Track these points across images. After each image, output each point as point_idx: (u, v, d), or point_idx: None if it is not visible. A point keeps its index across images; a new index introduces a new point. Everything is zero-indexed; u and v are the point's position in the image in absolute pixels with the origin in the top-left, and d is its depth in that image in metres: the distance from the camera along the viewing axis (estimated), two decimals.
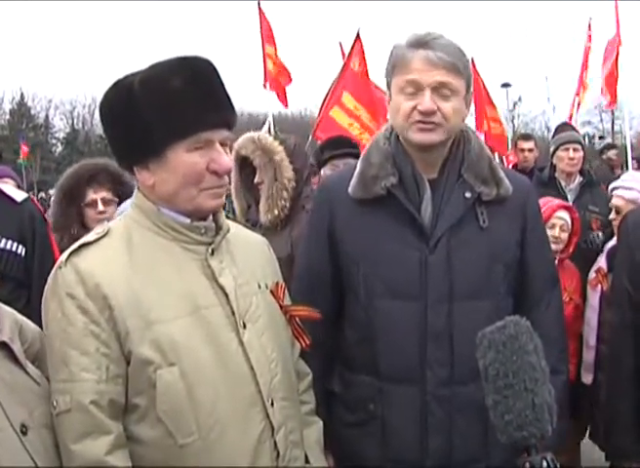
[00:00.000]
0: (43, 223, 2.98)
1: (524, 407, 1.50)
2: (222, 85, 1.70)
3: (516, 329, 1.54)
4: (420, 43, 1.96)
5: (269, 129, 7.20)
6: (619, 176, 4.52)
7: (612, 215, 3.71)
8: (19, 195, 2.94)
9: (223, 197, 1.74)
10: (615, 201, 3.68)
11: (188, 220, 1.69)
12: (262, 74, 8.08)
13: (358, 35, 7.33)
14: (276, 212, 3.19)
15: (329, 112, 6.89)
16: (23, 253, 2.82)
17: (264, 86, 8.10)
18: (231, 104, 1.71)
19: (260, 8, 8.03)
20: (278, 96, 8.45)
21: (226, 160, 1.68)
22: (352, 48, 7.25)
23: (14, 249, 2.79)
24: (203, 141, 1.63)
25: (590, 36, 7.77)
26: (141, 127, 1.60)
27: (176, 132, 1.61)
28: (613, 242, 3.55)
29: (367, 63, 7.22)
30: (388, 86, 2.06)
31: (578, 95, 8.08)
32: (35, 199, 3.04)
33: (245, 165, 3.33)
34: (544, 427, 1.52)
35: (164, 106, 1.59)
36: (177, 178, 1.64)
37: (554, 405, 1.56)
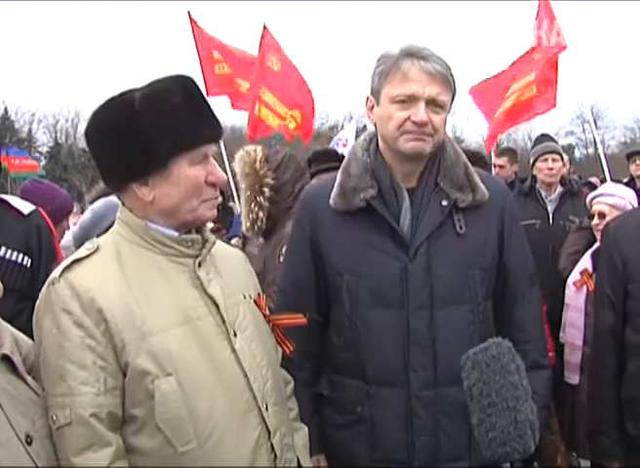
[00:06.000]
0: (50, 235, 2.96)
1: (507, 424, 1.57)
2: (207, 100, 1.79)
3: (498, 350, 1.61)
4: (416, 53, 2.00)
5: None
6: None
7: (595, 221, 3.82)
8: (25, 207, 2.93)
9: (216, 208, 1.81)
10: (598, 207, 3.81)
11: (176, 234, 1.74)
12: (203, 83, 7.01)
13: (265, 28, 6.81)
14: (248, 224, 3.18)
15: (254, 111, 6.58)
16: (29, 265, 2.81)
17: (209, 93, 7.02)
18: (218, 119, 1.78)
19: (190, 17, 7.06)
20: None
21: (222, 172, 1.76)
22: (261, 43, 6.74)
23: (19, 260, 2.78)
24: (202, 155, 1.71)
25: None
26: (145, 142, 1.64)
27: (181, 145, 1.67)
28: (596, 245, 3.66)
29: (286, 58, 6.78)
30: (375, 92, 2.08)
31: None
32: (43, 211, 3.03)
33: None
34: (527, 443, 1.59)
35: (169, 121, 1.65)
36: (179, 191, 1.69)
37: (537, 421, 1.62)
